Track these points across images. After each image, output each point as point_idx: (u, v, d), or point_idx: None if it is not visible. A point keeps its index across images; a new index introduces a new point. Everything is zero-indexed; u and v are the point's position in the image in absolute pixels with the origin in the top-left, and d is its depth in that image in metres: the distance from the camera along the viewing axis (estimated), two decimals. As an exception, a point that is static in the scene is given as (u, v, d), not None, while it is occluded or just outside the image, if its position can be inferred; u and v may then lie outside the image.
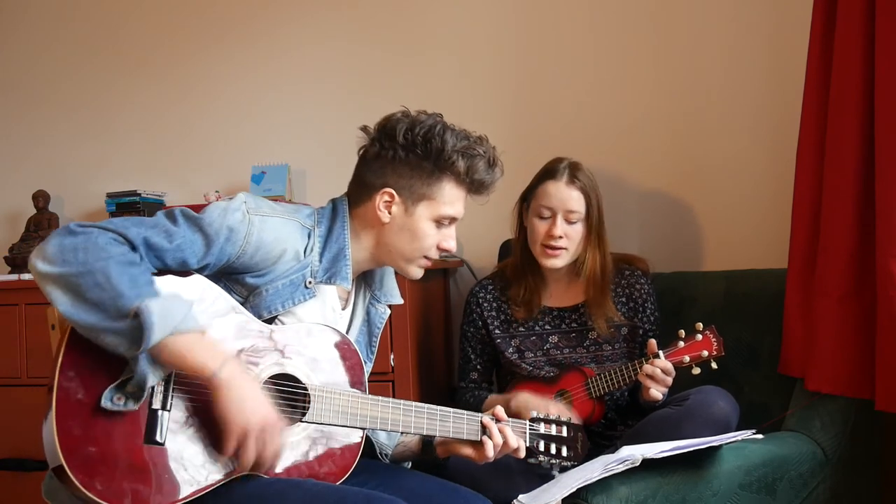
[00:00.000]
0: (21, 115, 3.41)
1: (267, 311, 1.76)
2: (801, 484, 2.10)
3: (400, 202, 1.84)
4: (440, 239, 1.88)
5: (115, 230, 1.60)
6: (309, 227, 1.83)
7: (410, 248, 1.86)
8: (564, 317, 2.43)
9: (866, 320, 2.12)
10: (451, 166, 1.82)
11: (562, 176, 2.35)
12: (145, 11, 3.30)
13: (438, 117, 1.86)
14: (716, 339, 2.20)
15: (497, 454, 1.85)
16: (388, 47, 3.07)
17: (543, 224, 2.36)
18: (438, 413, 1.83)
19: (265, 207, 1.78)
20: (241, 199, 1.76)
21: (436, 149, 1.81)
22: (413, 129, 1.82)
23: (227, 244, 1.71)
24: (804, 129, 2.29)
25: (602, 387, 2.27)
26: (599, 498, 1.83)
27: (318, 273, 1.82)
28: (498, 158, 1.90)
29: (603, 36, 2.90)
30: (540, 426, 1.92)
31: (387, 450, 1.97)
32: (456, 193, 1.86)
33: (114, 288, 1.52)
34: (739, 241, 2.77)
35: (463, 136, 1.85)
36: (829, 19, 2.20)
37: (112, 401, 1.54)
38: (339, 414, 1.74)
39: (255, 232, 1.73)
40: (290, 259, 1.78)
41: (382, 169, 1.84)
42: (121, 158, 3.30)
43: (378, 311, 2.00)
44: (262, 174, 3.05)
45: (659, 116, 2.86)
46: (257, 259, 1.74)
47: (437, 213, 1.85)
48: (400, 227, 1.85)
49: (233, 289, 1.76)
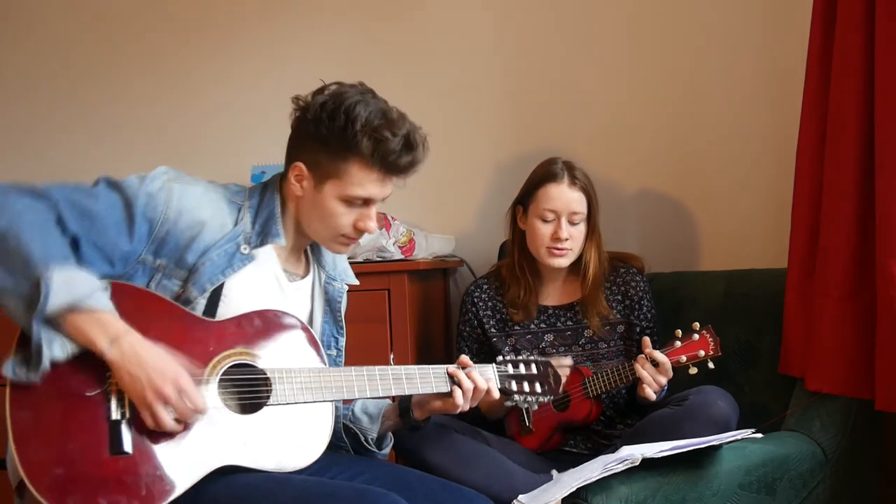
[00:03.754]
0: (22, 116, 3.41)
1: (209, 282, 1.73)
2: (800, 484, 2.10)
3: (309, 177, 1.78)
4: (356, 219, 1.80)
5: (40, 194, 1.60)
6: (239, 201, 1.81)
7: (322, 225, 1.82)
8: (559, 315, 2.43)
9: (866, 320, 2.12)
10: (356, 146, 1.73)
11: (563, 178, 2.35)
12: (145, 12, 3.30)
13: (362, 91, 1.77)
14: (713, 338, 2.19)
15: (471, 401, 1.86)
16: (387, 48, 3.06)
17: (548, 227, 2.35)
18: (403, 373, 1.82)
19: (186, 177, 1.78)
20: (161, 170, 1.76)
21: (339, 127, 1.73)
22: (326, 103, 1.75)
23: (147, 209, 1.69)
24: (804, 128, 2.29)
25: (599, 386, 2.27)
26: (599, 498, 1.83)
27: (252, 237, 1.78)
28: (420, 139, 1.78)
29: (602, 35, 2.90)
30: (508, 367, 1.94)
31: (372, 433, 1.96)
32: (365, 175, 1.76)
33: (25, 251, 1.52)
34: (739, 241, 2.77)
35: (378, 114, 1.74)
36: (829, 19, 2.20)
37: (14, 371, 1.53)
38: (304, 391, 1.73)
39: (174, 199, 1.71)
40: (216, 228, 1.75)
41: (298, 141, 1.81)
42: (121, 159, 3.29)
43: (336, 288, 1.97)
44: (261, 174, 3.05)
45: (658, 116, 2.85)
46: (181, 226, 1.71)
47: (344, 194, 1.77)
48: (310, 203, 1.80)
49: (171, 275, 1.72)
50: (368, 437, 1.95)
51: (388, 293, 2.55)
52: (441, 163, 2.93)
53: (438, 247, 2.80)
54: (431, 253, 2.77)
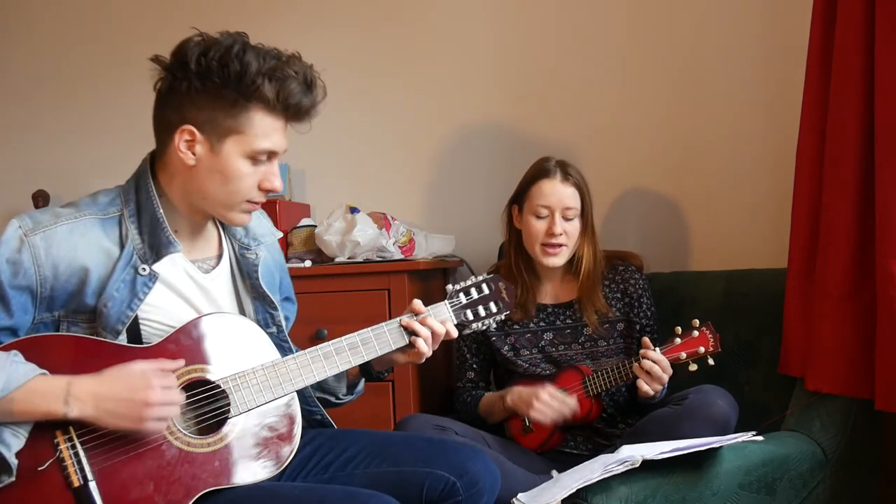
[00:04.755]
0: (21, 116, 3.41)
1: (120, 322, 1.57)
2: (800, 484, 2.10)
3: (203, 140, 1.59)
4: (260, 178, 1.63)
5: None
6: (114, 213, 1.63)
7: (225, 191, 1.62)
8: (559, 314, 2.43)
9: (866, 320, 2.12)
10: (256, 92, 1.56)
11: (555, 174, 2.37)
12: (146, 12, 3.30)
13: (239, 36, 1.61)
14: (712, 335, 2.20)
15: (433, 346, 1.76)
16: (387, 49, 3.06)
17: (542, 223, 2.36)
18: (359, 339, 1.71)
19: (42, 219, 1.58)
20: (12, 228, 1.57)
21: (235, 73, 1.55)
22: (207, 53, 1.57)
23: (17, 279, 1.54)
24: (804, 128, 2.29)
25: (599, 385, 2.27)
26: (599, 498, 1.83)
27: (146, 254, 1.61)
28: (316, 78, 1.65)
29: (602, 35, 2.90)
30: (459, 297, 1.83)
31: (340, 391, 1.89)
32: (269, 123, 1.60)
33: None
34: (739, 241, 2.77)
35: (270, 55, 1.59)
36: (829, 18, 2.20)
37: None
38: (262, 391, 1.62)
39: (41, 253, 1.55)
40: (102, 262, 1.58)
41: (178, 103, 1.60)
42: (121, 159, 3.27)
43: (248, 258, 1.77)
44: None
45: (658, 116, 2.85)
46: (64, 278, 1.56)
47: (249, 149, 1.60)
48: (208, 168, 1.60)
49: (77, 322, 1.59)
50: (339, 394, 1.89)
51: (388, 293, 2.55)
52: (441, 163, 2.94)
53: (438, 247, 2.80)
54: (431, 253, 2.77)
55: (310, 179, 3.10)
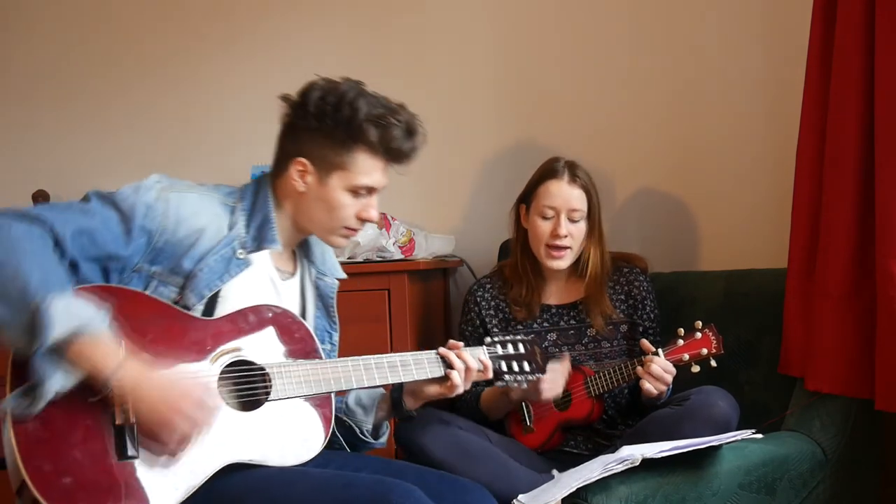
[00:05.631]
0: (22, 116, 3.41)
1: (207, 289, 1.73)
2: (800, 484, 2.10)
3: (314, 171, 1.81)
4: (359, 209, 1.85)
5: (36, 217, 1.60)
6: (231, 203, 1.83)
7: (328, 217, 1.84)
8: (562, 314, 2.43)
9: (866, 320, 2.12)
10: (362, 135, 1.79)
11: (563, 175, 2.36)
12: (146, 12, 3.30)
13: (356, 85, 1.83)
14: (715, 337, 2.20)
15: (465, 382, 1.88)
16: (386, 47, 3.06)
17: (547, 224, 2.36)
18: (398, 360, 1.85)
19: (180, 185, 1.78)
20: (153, 179, 1.76)
21: (346, 117, 1.78)
22: (326, 97, 1.80)
23: (146, 220, 1.69)
24: (804, 129, 2.29)
25: (601, 386, 2.27)
26: (599, 497, 1.83)
27: (247, 242, 1.80)
28: (418, 127, 1.85)
29: (602, 34, 2.90)
30: (497, 348, 1.97)
31: (367, 425, 1.97)
32: (371, 163, 1.82)
33: (23, 281, 1.50)
34: (739, 241, 2.77)
35: (379, 104, 1.81)
36: (829, 18, 2.20)
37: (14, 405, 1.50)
38: (302, 384, 1.74)
39: (172, 208, 1.72)
40: (213, 233, 1.76)
41: (297, 138, 1.83)
42: (121, 158, 3.29)
43: (327, 283, 1.99)
44: (262, 174, 3.05)
45: (658, 116, 2.85)
46: (180, 235, 1.72)
47: (351, 184, 1.82)
48: (315, 197, 1.83)
49: (167, 282, 1.73)
50: (364, 429, 1.97)
51: (388, 293, 2.55)
52: (441, 163, 2.94)
53: (438, 247, 2.80)
54: (431, 253, 2.77)
55: (310, 179, 3.10)
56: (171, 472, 1.59)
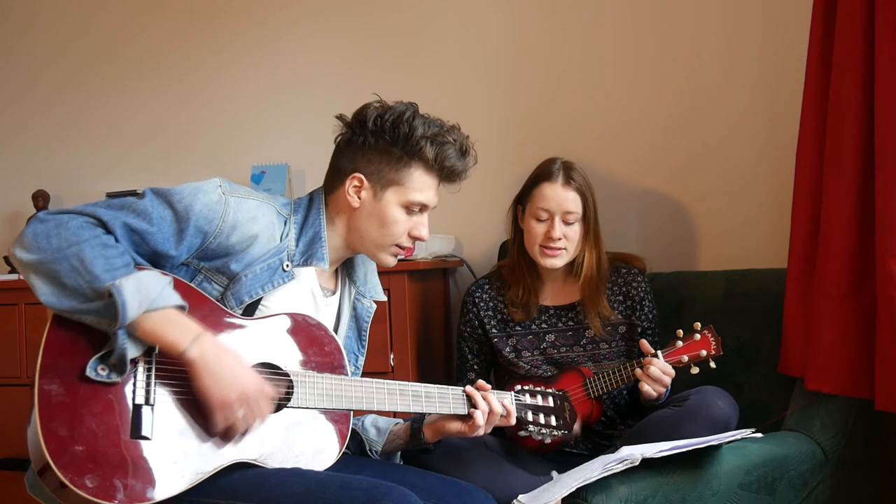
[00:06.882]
0: (21, 116, 3.41)
1: (248, 295, 1.77)
2: (800, 484, 2.10)
3: (369, 187, 1.85)
4: (411, 226, 1.89)
5: (86, 213, 1.64)
6: (285, 214, 1.86)
7: (380, 233, 1.87)
8: (561, 315, 2.43)
9: (866, 320, 2.12)
10: (419, 152, 1.84)
11: (557, 177, 2.35)
12: (146, 13, 3.30)
13: (412, 105, 1.87)
14: (714, 338, 2.20)
15: (487, 424, 1.88)
16: (387, 47, 3.07)
17: (541, 226, 2.35)
18: (423, 391, 1.85)
19: (241, 190, 1.81)
20: (215, 182, 1.78)
21: (404, 134, 1.83)
22: (384, 115, 1.84)
23: (202, 222, 1.72)
24: (804, 129, 2.29)
25: (600, 387, 2.27)
26: (599, 497, 1.83)
27: (295, 256, 1.83)
28: (471, 147, 1.91)
29: (603, 35, 2.90)
30: (525, 397, 1.96)
31: (376, 446, 1.98)
32: (426, 180, 1.87)
33: (88, 271, 1.56)
34: (739, 241, 2.77)
35: (434, 123, 1.86)
36: (829, 18, 2.20)
37: (96, 371, 1.56)
38: (323, 397, 1.76)
39: (231, 212, 1.75)
40: (265, 241, 1.79)
41: (353, 155, 1.86)
42: (121, 158, 3.30)
43: (364, 305, 2.03)
44: (261, 174, 3.05)
45: (659, 116, 2.85)
46: (234, 240, 1.76)
47: (405, 199, 1.86)
48: (369, 212, 1.86)
49: (212, 279, 1.77)
50: (372, 449, 1.98)
51: (388, 293, 2.55)
52: (441, 163, 2.94)
53: (438, 247, 2.80)
54: (431, 253, 2.77)
55: (310, 179, 3.10)
56: (181, 460, 1.60)
